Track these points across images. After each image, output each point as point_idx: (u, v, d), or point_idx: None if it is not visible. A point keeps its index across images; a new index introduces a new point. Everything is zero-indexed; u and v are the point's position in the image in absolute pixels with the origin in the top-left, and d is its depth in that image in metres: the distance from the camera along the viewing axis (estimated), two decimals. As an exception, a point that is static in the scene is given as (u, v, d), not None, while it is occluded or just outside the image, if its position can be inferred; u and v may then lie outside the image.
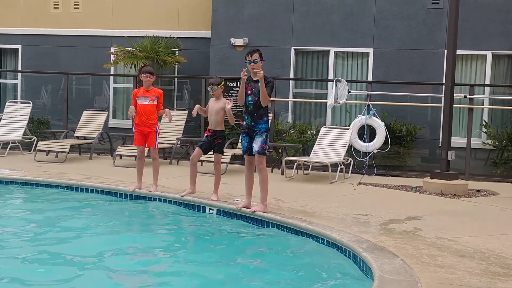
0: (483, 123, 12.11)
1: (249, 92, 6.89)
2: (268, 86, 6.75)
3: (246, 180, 7.13)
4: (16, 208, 7.75)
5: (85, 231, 6.41)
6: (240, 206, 7.08)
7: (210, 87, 7.72)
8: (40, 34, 15.63)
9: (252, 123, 6.91)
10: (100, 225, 6.74)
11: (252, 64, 6.82)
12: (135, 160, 11.41)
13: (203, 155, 7.91)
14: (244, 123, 7.00)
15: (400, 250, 5.38)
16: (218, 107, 7.67)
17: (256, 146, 6.82)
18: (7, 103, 13.51)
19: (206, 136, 7.76)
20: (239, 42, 13.33)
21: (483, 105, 12.42)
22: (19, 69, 15.78)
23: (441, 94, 10.77)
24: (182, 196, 7.71)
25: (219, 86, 7.71)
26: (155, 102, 8.11)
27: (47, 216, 7.05)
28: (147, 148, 8.41)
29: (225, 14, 13.55)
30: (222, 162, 10.30)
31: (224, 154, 10.33)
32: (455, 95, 9.99)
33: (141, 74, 8.15)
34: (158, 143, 8.32)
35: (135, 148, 8.54)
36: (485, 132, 11.98)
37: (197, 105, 7.88)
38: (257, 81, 6.80)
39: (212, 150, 7.77)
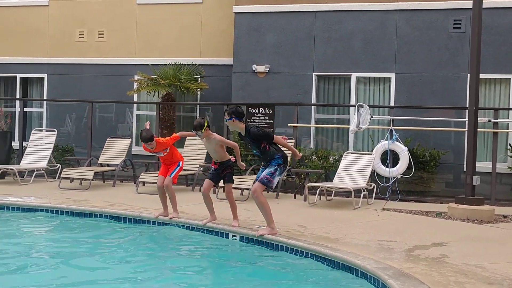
0: (509, 147, 11.95)
1: (249, 146, 7.28)
2: (261, 139, 6.97)
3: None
4: (42, 235, 7.81)
5: (111, 257, 6.43)
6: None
7: (195, 132, 7.50)
8: (66, 63, 15.93)
9: (268, 163, 7.10)
10: (123, 252, 6.75)
11: (227, 121, 7.13)
12: (158, 187, 11.53)
13: (213, 186, 7.88)
14: None
15: (426, 277, 5.29)
16: (215, 146, 7.58)
17: (262, 174, 7.01)
18: (32, 131, 13.70)
19: (214, 168, 7.71)
20: (260, 68, 13.40)
21: (508, 129, 12.28)
22: (45, 97, 16.07)
23: (465, 118, 10.68)
24: (204, 224, 7.71)
25: (203, 130, 7.45)
26: (167, 150, 8.12)
27: (71, 242, 7.09)
28: None
29: (247, 41, 13.67)
30: (245, 189, 10.37)
31: (246, 181, 10.38)
32: (479, 119, 9.90)
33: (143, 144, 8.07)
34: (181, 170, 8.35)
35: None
36: (510, 157, 11.81)
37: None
38: (246, 136, 7.06)
39: (222, 181, 7.77)
